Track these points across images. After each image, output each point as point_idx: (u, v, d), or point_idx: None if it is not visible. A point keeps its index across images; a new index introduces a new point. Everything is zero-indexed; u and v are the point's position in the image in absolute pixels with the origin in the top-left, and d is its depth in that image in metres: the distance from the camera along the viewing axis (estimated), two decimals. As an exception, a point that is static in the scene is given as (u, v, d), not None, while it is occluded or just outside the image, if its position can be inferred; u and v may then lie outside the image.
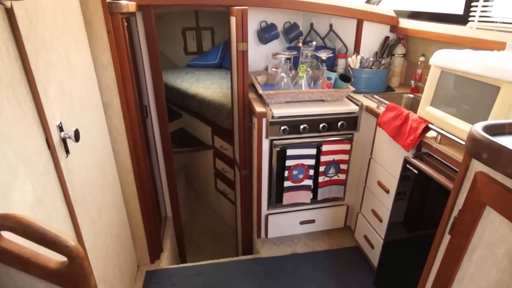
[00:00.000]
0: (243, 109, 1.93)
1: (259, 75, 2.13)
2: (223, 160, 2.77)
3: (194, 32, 4.02)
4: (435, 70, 1.37)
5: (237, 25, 1.71)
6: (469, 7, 1.59)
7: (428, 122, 1.41)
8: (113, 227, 1.64)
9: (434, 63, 1.36)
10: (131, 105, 1.70)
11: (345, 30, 2.16)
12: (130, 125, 1.72)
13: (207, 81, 3.20)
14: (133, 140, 1.76)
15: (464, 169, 0.78)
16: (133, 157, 1.78)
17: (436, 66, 1.36)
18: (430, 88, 1.40)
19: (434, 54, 1.37)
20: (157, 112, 2.15)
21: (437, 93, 1.38)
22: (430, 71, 1.39)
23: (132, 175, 1.83)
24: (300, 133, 1.86)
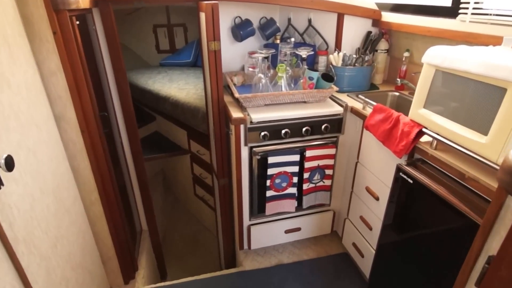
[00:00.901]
0: (218, 114, 1.70)
1: (235, 76, 1.91)
2: (201, 166, 2.54)
3: (166, 29, 3.71)
4: (428, 69, 1.20)
5: (207, 22, 1.47)
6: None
7: (422, 126, 1.25)
8: (75, 256, 1.39)
9: (427, 61, 1.20)
10: (89, 115, 1.43)
11: (325, 25, 1.97)
12: (90, 138, 1.46)
13: (181, 81, 2.93)
14: (95, 155, 1.51)
15: (497, 207, 0.62)
16: (96, 173, 1.53)
17: (429, 65, 1.20)
18: (423, 89, 1.24)
19: (427, 51, 1.20)
20: (124, 119, 1.89)
21: (431, 94, 1.22)
22: (423, 70, 1.23)
23: (97, 193, 1.57)
24: (281, 138, 1.66)
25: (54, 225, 1.22)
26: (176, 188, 3.17)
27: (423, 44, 1.75)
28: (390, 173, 1.43)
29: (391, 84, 1.97)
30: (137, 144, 1.96)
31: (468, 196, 1.04)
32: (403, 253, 1.35)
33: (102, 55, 1.72)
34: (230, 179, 1.90)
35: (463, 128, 1.08)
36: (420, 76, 1.24)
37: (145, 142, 2.85)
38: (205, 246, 2.67)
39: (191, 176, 2.73)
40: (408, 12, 1.77)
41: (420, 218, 1.23)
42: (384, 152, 1.46)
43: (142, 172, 2.05)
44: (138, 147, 1.97)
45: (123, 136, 1.93)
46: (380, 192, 1.52)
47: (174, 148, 2.75)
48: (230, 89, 1.83)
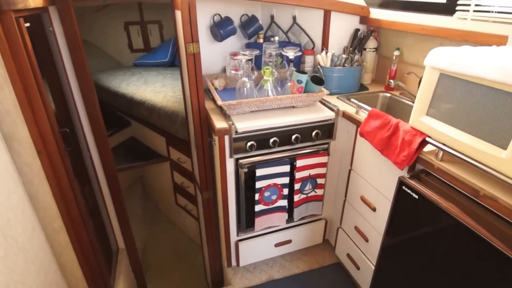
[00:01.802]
0: (199, 123, 1.50)
1: (216, 79, 1.70)
2: (182, 174, 2.32)
3: (139, 26, 3.40)
4: (432, 72, 1.07)
5: (184, 21, 1.26)
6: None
7: (425, 135, 1.12)
8: (36, 299, 1.16)
9: (430, 65, 1.06)
10: (46, 133, 1.19)
11: (311, 22, 1.80)
12: (49, 159, 1.22)
13: (157, 83, 2.68)
14: (56, 177, 1.27)
15: None
16: (58, 198, 1.29)
17: (433, 68, 1.06)
18: (426, 95, 1.10)
19: (430, 54, 1.06)
20: (93, 131, 1.64)
21: (435, 101, 1.08)
22: (425, 73, 1.09)
23: (61, 221, 1.34)
24: (270, 148, 1.49)
25: (3, 271, 0.99)
26: (156, 197, 2.93)
27: (414, 42, 1.63)
28: (389, 184, 1.30)
29: (381, 84, 1.85)
30: (108, 157, 1.73)
31: (484, 215, 0.92)
32: (407, 272, 1.23)
33: (63, 60, 1.46)
34: (215, 191, 1.72)
35: (475, 139, 0.95)
36: (422, 80, 1.11)
37: (119, 150, 2.59)
38: (190, 258, 2.47)
39: (172, 185, 2.51)
40: (397, 8, 1.63)
41: (428, 236, 1.10)
42: (382, 161, 1.33)
43: (116, 186, 1.82)
44: (110, 160, 1.73)
45: (92, 149, 1.68)
46: (377, 202, 1.39)
47: (152, 155, 2.51)
48: (211, 93, 1.63)
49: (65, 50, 1.46)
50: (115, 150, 2.60)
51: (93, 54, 3.26)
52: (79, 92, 1.55)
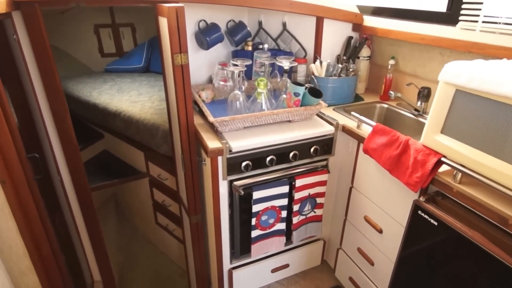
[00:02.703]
0: (187, 141, 1.32)
1: (203, 90, 1.53)
2: (163, 192, 2.11)
3: (110, 29, 3.12)
4: (447, 88, 0.98)
5: (171, 30, 1.09)
6: (459, 3, 1.24)
7: (440, 154, 1.03)
8: None
9: (446, 80, 0.97)
10: (11, 159, 0.97)
11: (302, 29, 1.68)
12: (14, 189, 1.00)
13: (133, 91, 2.44)
14: (24, 211, 1.05)
15: None
16: (26, 234, 1.07)
17: (448, 84, 0.97)
18: (440, 112, 1.01)
19: (445, 68, 0.97)
20: (64, 151, 1.41)
21: (451, 118, 1.00)
22: (439, 89, 1.00)
23: (29, 260, 1.11)
24: (266, 167, 1.35)
25: None
26: (133, 215, 2.67)
27: (411, 51, 1.56)
28: (398, 206, 1.20)
29: (374, 93, 1.77)
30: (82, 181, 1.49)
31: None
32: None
33: (29, 72, 1.23)
34: (204, 214, 1.54)
35: (500, 162, 0.87)
36: (436, 96, 1.02)
37: (91, 165, 2.32)
38: (174, 284, 2.25)
39: (151, 203, 2.28)
40: (392, 16, 1.56)
41: (448, 264, 1.01)
42: (388, 180, 1.23)
43: (90, 213, 1.58)
44: (84, 185, 1.50)
45: (63, 171, 1.44)
46: (384, 224, 1.29)
47: (128, 171, 2.26)
48: (198, 106, 1.46)
49: (32, 60, 1.23)
50: (86, 166, 2.31)
51: (59, 59, 2.93)
52: (48, 108, 1.31)
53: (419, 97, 1.49)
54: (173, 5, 1.10)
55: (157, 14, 1.26)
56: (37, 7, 1.17)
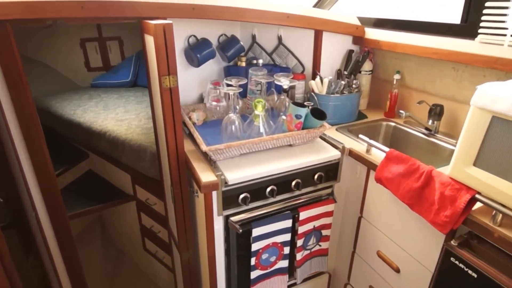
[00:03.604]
0: (177, 172, 1.09)
1: (194, 112, 1.30)
2: (151, 217, 1.86)
3: (97, 43, 2.86)
4: (481, 114, 0.79)
5: (159, 50, 0.87)
6: (477, 15, 1.06)
7: (474, 190, 0.83)
8: None
9: (481, 106, 0.78)
10: None
11: (299, 43, 1.48)
12: None
13: (119, 108, 2.18)
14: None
15: None
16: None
17: (484, 110, 0.78)
18: (473, 141, 0.82)
19: (479, 92, 0.78)
20: (39, 183, 1.15)
21: (486, 149, 0.80)
22: (472, 115, 0.81)
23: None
24: (266, 198, 1.13)
25: None
26: (119, 240, 2.39)
27: (419, 65, 1.38)
28: (421, 245, 1.00)
29: (377, 109, 1.57)
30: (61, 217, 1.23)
31: None
32: None
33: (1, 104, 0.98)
34: (196, 249, 1.31)
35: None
36: (467, 123, 0.82)
37: (74, 188, 2.05)
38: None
39: (139, 227, 2.02)
40: (395, 28, 1.37)
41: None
42: (408, 214, 1.03)
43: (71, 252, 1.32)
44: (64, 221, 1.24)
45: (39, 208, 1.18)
46: (401, 262, 1.08)
47: (114, 194, 2.00)
48: (187, 128, 1.23)
49: (2, 83, 0.98)
50: (69, 189, 2.05)
51: (43, 74, 2.66)
52: (21, 136, 1.06)
53: (430, 115, 1.31)
54: (161, 22, 0.88)
55: (142, 31, 1.04)
56: (9, 26, 0.94)
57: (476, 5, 1.07)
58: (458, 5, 1.14)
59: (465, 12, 1.11)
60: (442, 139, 1.27)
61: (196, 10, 1.16)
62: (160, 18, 1.06)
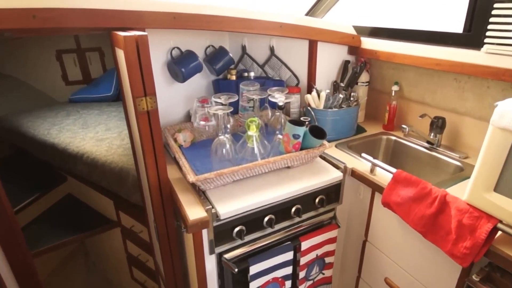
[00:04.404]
0: (160, 205, 0.98)
1: (180, 132, 1.19)
2: (138, 245, 1.72)
3: (75, 55, 2.72)
4: (502, 136, 0.71)
5: (131, 67, 0.76)
6: (482, 23, 1.01)
7: (495, 218, 0.76)
8: None
9: (502, 126, 0.70)
10: None
11: (293, 54, 1.40)
12: None
13: (100, 125, 2.04)
14: None
15: None
16: None
17: (505, 131, 0.71)
18: (493, 164, 0.74)
19: (500, 110, 0.71)
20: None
21: (508, 172, 0.73)
22: (491, 136, 0.73)
23: None
24: (264, 229, 1.03)
25: None
26: (106, 268, 2.23)
27: (418, 76, 1.32)
28: (436, 275, 0.91)
29: (375, 122, 1.50)
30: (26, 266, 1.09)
31: None
32: None
33: None
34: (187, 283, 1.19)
35: None
36: (486, 145, 0.75)
37: (52, 215, 1.89)
38: None
39: (125, 255, 1.87)
40: (392, 37, 1.31)
41: None
42: (419, 242, 0.95)
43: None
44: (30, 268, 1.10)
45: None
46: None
47: (96, 220, 1.84)
48: (171, 150, 1.12)
49: None
50: (46, 216, 1.89)
51: (13, 89, 2.49)
52: None
53: (432, 128, 1.24)
54: (132, 34, 0.77)
55: (112, 43, 0.93)
56: None
57: (481, 13, 1.01)
58: (460, 13, 1.08)
59: (468, 21, 1.05)
60: (445, 153, 1.21)
61: (178, 19, 1.05)
62: (136, 28, 0.94)
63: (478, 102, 1.15)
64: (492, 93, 1.11)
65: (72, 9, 0.84)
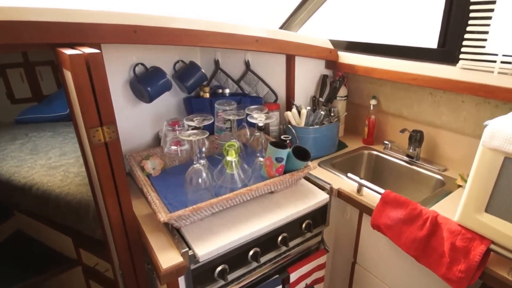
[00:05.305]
0: (127, 250, 0.86)
1: (148, 160, 1.09)
2: (104, 285, 1.55)
3: (22, 70, 2.48)
4: (492, 156, 0.72)
5: (81, 92, 0.66)
6: (457, 39, 1.04)
7: (488, 239, 0.76)
8: None
9: (493, 147, 0.71)
10: None
11: (270, 69, 1.37)
12: None
13: (53, 150, 1.85)
14: None
15: None
16: None
17: (495, 151, 0.71)
18: (484, 184, 0.75)
19: (490, 130, 0.71)
20: None
21: (498, 193, 0.73)
22: (481, 156, 0.74)
23: None
24: (249, 264, 0.95)
25: None
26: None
27: (394, 90, 1.34)
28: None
29: (355, 136, 1.50)
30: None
31: None
32: None
33: None
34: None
35: None
36: (476, 165, 0.75)
37: None
38: None
39: (90, 297, 1.69)
40: (368, 52, 1.32)
41: None
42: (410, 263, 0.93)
43: None
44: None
45: None
46: (409, 319, 0.98)
47: (52, 259, 1.64)
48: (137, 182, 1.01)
49: None
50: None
51: None
52: None
53: (410, 142, 1.26)
54: (81, 51, 0.67)
55: (59, 63, 0.82)
56: None
57: (455, 29, 1.05)
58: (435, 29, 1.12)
59: (442, 36, 1.09)
60: (424, 166, 1.23)
61: (140, 33, 0.95)
62: (88, 44, 0.84)
63: (453, 115, 1.20)
64: (466, 107, 1.15)
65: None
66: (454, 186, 1.10)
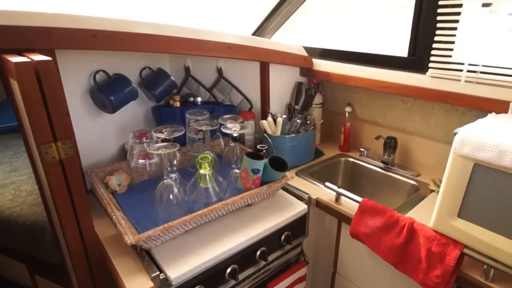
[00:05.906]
0: (88, 277, 0.81)
1: (113, 175, 1.04)
2: (65, 315, 1.44)
3: (-37, 74, 2.27)
4: (463, 163, 0.76)
5: (30, 106, 0.61)
6: (426, 48, 1.11)
7: (461, 244, 0.80)
8: None
9: (464, 154, 0.75)
10: None
11: (244, 76, 1.37)
12: None
13: (2, 166, 1.71)
14: None
15: None
16: None
17: (465, 158, 0.76)
18: (455, 191, 0.79)
19: (460, 138, 0.76)
20: None
21: (470, 199, 0.78)
22: (452, 163, 0.78)
23: None
24: (227, 282, 0.93)
25: None
26: None
27: (369, 98, 1.40)
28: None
29: (331, 143, 1.54)
30: None
31: None
32: None
33: None
34: None
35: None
36: (448, 172, 0.80)
37: None
38: None
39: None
40: (342, 60, 1.37)
41: None
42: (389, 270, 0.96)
43: None
44: None
45: None
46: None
47: None
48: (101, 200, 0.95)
49: None
50: None
51: None
52: None
53: (385, 149, 1.32)
54: (30, 59, 0.62)
55: (5, 73, 0.76)
56: None
57: (423, 38, 1.13)
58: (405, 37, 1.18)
59: (411, 46, 1.16)
60: (399, 172, 1.29)
61: (100, 38, 0.90)
62: (39, 50, 0.79)
63: (424, 122, 1.27)
64: (436, 114, 1.22)
65: None
66: (427, 190, 1.16)
